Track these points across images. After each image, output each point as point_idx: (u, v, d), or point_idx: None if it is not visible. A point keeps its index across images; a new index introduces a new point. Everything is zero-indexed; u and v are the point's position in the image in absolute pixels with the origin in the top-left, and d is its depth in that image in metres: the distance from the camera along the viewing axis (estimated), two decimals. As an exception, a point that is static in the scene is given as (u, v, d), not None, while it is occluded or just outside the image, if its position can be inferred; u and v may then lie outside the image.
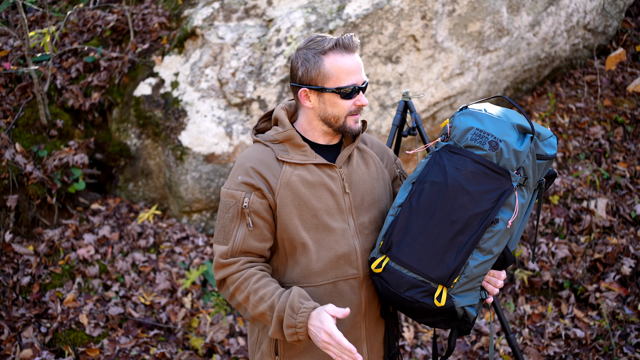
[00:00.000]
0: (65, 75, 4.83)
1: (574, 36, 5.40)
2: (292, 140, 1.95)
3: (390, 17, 4.46)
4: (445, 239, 1.78)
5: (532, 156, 1.81)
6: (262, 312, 1.81)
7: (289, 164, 1.92)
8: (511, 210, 1.77)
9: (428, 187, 1.82)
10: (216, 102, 4.53)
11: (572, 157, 4.83)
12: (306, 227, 1.89)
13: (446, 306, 1.78)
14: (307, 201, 1.89)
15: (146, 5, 5.26)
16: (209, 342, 3.81)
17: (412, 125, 2.93)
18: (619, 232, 4.22)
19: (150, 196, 4.77)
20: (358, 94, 1.91)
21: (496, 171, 1.77)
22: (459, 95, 4.85)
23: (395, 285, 1.83)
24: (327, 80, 1.88)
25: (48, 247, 4.10)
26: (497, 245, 1.78)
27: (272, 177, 1.89)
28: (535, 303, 4.04)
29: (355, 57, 1.90)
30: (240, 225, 1.87)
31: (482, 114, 1.85)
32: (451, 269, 1.76)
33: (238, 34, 4.65)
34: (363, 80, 1.92)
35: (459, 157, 1.81)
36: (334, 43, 1.87)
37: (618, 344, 3.58)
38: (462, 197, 1.78)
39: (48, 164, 4.33)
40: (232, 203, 1.89)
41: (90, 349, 3.63)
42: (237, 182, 1.90)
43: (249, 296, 1.82)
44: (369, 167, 2.06)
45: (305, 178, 1.91)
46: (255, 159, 1.93)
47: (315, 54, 1.89)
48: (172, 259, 4.28)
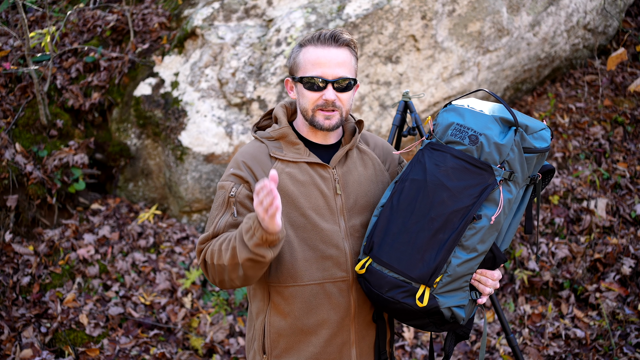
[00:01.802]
0: (65, 75, 4.83)
1: (574, 36, 5.40)
2: (286, 138, 1.95)
3: (390, 17, 4.46)
4: (425, 236, 1.73)
5: (519, 149, 1.73)
6: (232, 247, 1.73)
7: (281, 160, 1.92)
8: (495, 205, 1.71)
9: (408, 185, 1.79)
10: (216, 102, 4.53)
11: (572, 157, 4.83)
12: (292, 225, 1.86)
13: (429, 307, 1.73)
14: (294, 199, 1.87)
15: (146, 5, 5.26)
16: (209, 342, 3.81)
17: (412, 125, 2.94)
18: (619, 232, 4.21)
19: (150, 196, 4.77)
20: (325, 88, 1.86)
21: (477, 166, 1.72)
22: (459, 95, 4.84)
23: (377, 286, 1.79)
24: (297, 70, 1.91)
25: (48, 247, 4.10)
26: (481, 242, 1.72)
27: (261, 172, 1.89)
28: (535, 303, 4.04)
29: (332, 50, 1.86)
30: (225, 213, 1.86)
31: (464, 109, 1.81)
32: (431, 268, 1.71)
33: (238, 34, 4.64)
34: (335, 75, 1.86)
35: (439, 154, 1.78)
36: (312, 35, 1.89)
37: (618, 344, 3.58)
38: (441, 194, 1.73)
39: (48, 164, 4.33)
40: (221, 193, 1.89)
41: (90, 349, 3.63)
42: (228, 174, 1.91)
43: (221, 248, 1.77)
44: (367, 168, 2.02)
45: (295, 176, 1.89)
46: (248, 154, 1.94)
47: (297, 46, 1.93)
48: (172, 259, 4.28)
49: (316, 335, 1.89)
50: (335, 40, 1.87)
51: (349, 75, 1.89)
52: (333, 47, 1.87)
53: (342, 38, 1.88)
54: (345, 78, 1.88)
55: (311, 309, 1.88)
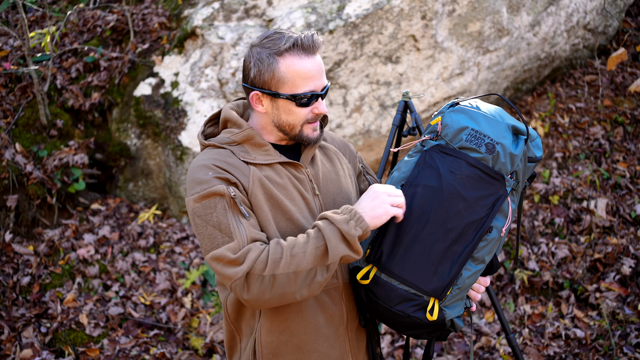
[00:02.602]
0: (65, 75, 4.83)
1: (574, 36, 5.40)
2: (252, 140, 1.76)
3: (390, 17, 4.46)
4: (440, 248, 1.64)
5: (524, 159, 1.70)
6: (314, 247, 1.58)
7: (254, 164, 1.72)
8: (504, 217, 1.67)
9: (421, 191, 1.68)
10: (216, 102, 4.53)
11: (572, 157, 4.83)
12: (281, 231, 1.70)
13: (438, 320, 1.67)
14: (280, 203, 1.70)
15: (146, 5, 5.26)
16: (209, 342, 3.81)
17: (412, 126, 2.93)
18: (619, 232, 4.21)
19: (150, 196, 4.77)
20: (317, 101, 1.73)
21: (492, 176, 1.65)
22: (459, 95, 4.84)
23: (385, 299, 1.68)
24: (282, 85, 1.68)
25: (48, 247, 4.10)
26: (489, 254, 1.68)
27: (243, 176, 1.69)
28: (535, 303, 4.04)
29: (316, 59, 1.69)
30: (236, 216, 1.63)
31: (476, 113, 1.70)
32: (446, 282, 1.64)
33: (238, 34, 4.64)
34: (323, 85, 1.72)
35: (453, 160, 1.67)
36: (291, 43, 1.66)
37: (618, 344, 3.58)
38: (458, 204, 1.64)
39: (48, 164, 4.33)
40: (216, 200, 1.62)
41: (90, 349, 3.63)
42: (208, 180, 1.65)
43: (289, 254, 1.58)
44: (334, 164, 1.90)
45: (274, 179, 1.73)
46: (218, 160, 1.70)
47: (270, 55, 1.67)
48: (172, 259, 4.28)
49: (315, 352, 1.76)
50: (317, 47, 1.70)
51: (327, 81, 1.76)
52: (316, 54, 1.71)
53: (319, 42, 1.70)
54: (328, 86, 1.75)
55: (308, 323, 1.74)
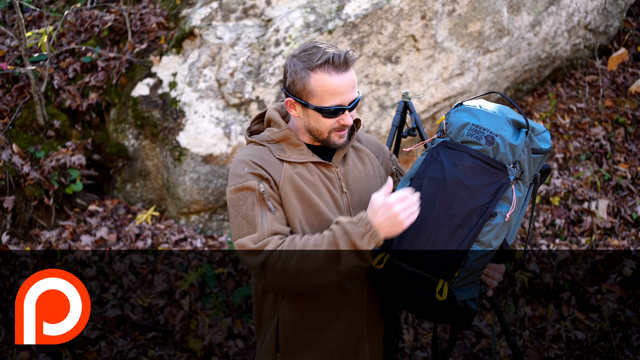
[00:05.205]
0: (62, 76, 4.81)
1: (575, 36, 5.38)
2: (288, 140, 1.96)
3: (389, 17, 4.43)
4: (445, 233, 1.80)
5: (528, 150, 1.85)
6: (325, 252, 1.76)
7: (288, 162, 1.93)
8: (509, 203, 1.81)
9: (427, 182, 1.85)
10: (214, 103, 4.51)
11: (573, 158, 4.81)
12: (309, 224, 1.89)
13: (447, 300, 1.80)
14: (309, 198, 1.89)
15: (144, 5, 5.24)
16: (207, 344, 3.79)
17: (412, 126, 2.91)
18: (620, 234, 4.19)
19: (148, 197, 4.75)
20: (343, 113, 1.89)
21: (493, 165, 1.81)
22: (459, 95, 4.82)
23: (397, 281, 1.85)
24: (311, 97, 1.86)
25: (45, 248, 4.07)
26: (496, 238, 1.81)
27: (275, 172, 1.89)
28: (536, 305, 4.01)
29: (346, 76, 1.85)
30: (263, 210, 1.84)
31: (477, 110, 1.89)
32: (452, 263, 1.78)
33: (236, 34, 4.62)
34: (351, 100, 1.88)
35: (456, 153, 1.85)
36: (324, 60, 1.82)
37: (619, 346, 3.56)
38: (460, 192, 1.81)
39: (45, 165, 4.31)
40: (247, 193, 1.85)
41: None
42: (244, 175, 1.87)
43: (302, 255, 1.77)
44: (365, 165, 2.06)
45: (305, 177, 1.92)
46: (255, 156, 1.92)
47: (303, 68, 1.85)
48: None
49: (330, 330, 1.93)
50: (348, 65, 1.85)
51: (358, 94, 1.92)
52: (347, 71, 1.86)
53: (352, 58, 1.85)
54: (358, 98, 1.91)
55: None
